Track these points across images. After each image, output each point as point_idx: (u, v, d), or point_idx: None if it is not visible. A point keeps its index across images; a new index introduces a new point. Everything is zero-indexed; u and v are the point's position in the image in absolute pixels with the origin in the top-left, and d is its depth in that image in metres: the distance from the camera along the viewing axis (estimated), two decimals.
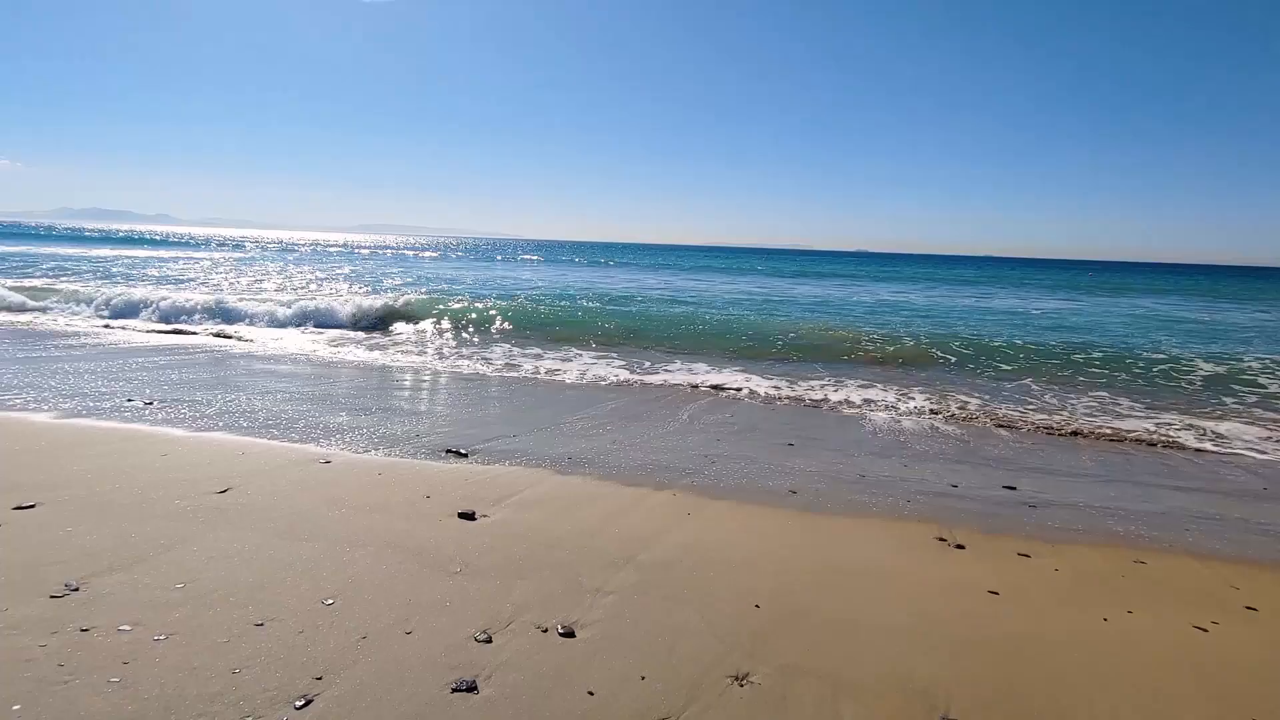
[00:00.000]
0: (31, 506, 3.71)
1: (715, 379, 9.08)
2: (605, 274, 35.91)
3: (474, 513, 4.00)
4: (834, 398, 8.31)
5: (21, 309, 13.33)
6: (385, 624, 2.76)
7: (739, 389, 8.59)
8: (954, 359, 11.24)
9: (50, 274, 21.21)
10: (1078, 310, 22.82)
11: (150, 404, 6.30)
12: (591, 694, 2.41)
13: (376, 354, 10.29)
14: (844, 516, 4.40)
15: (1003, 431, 7.11)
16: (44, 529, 3.45)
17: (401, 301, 14.70)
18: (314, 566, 3.24)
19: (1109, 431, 7.18)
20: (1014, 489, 5.15)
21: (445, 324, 13.49)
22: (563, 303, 18.35)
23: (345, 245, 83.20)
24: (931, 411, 7.80)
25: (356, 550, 3.44)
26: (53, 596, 2.81)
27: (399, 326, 13.21)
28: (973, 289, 33.88)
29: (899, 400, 8.26)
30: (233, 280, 21.84)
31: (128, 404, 6.27)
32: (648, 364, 10.16)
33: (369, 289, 19.99)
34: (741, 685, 2.52)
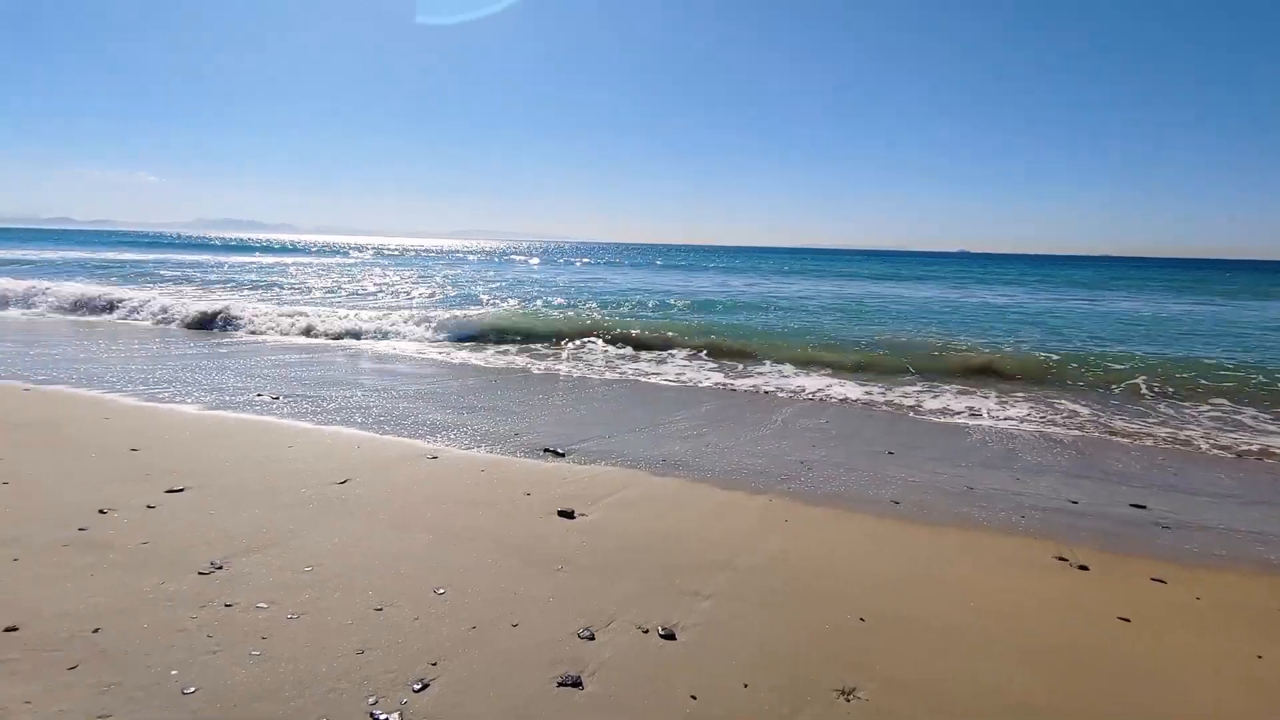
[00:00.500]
0: (181, 490, 4.09)
1: (808, 383, 8.88)
2: (688, 277, 35.88)
3: (573, 511, 4.09)
4: (931, 404, 7.96)
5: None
6: (493, 616, 2.86)
7: (832, 394, 8.37)
8: (1061, 365, 10.50)
9: (223, 285, 23.32)
10: (1208, 315, 20.80)
11: (277, 399, 6.82)
12: (694, 698, 2.41)
13: (478, 356, 10.69)
14: (951, 529, 4.19)
15: (1123, 443, 6.58)
16: (191, 512, 3.80)
17: (503, 307, 15.19)
18: (425, 557, 3.40)
19: (1253, 449, 6.50)
20: (1143, 508, 4.75)
21: (543, 327, 13.85)
22: (653, 305, 18.48)
23: (443, 250, 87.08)
24: (1039, 420, 7.33)
25: (463, 543, 3.59)
26: (200, 573, 3.09)
27: (502, 329, 13.67)
28: (1086, 290, 31.57)
29: (1002, 408, 7.81)
30: (356, 285, 23.32)
31: (257, 399, 6.81)
32: (739, 367, 10.07)
33: (469, 293, 20.85)
34: (848, 700, 2.45)
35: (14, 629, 2.56)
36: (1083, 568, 3.71)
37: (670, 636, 2.79)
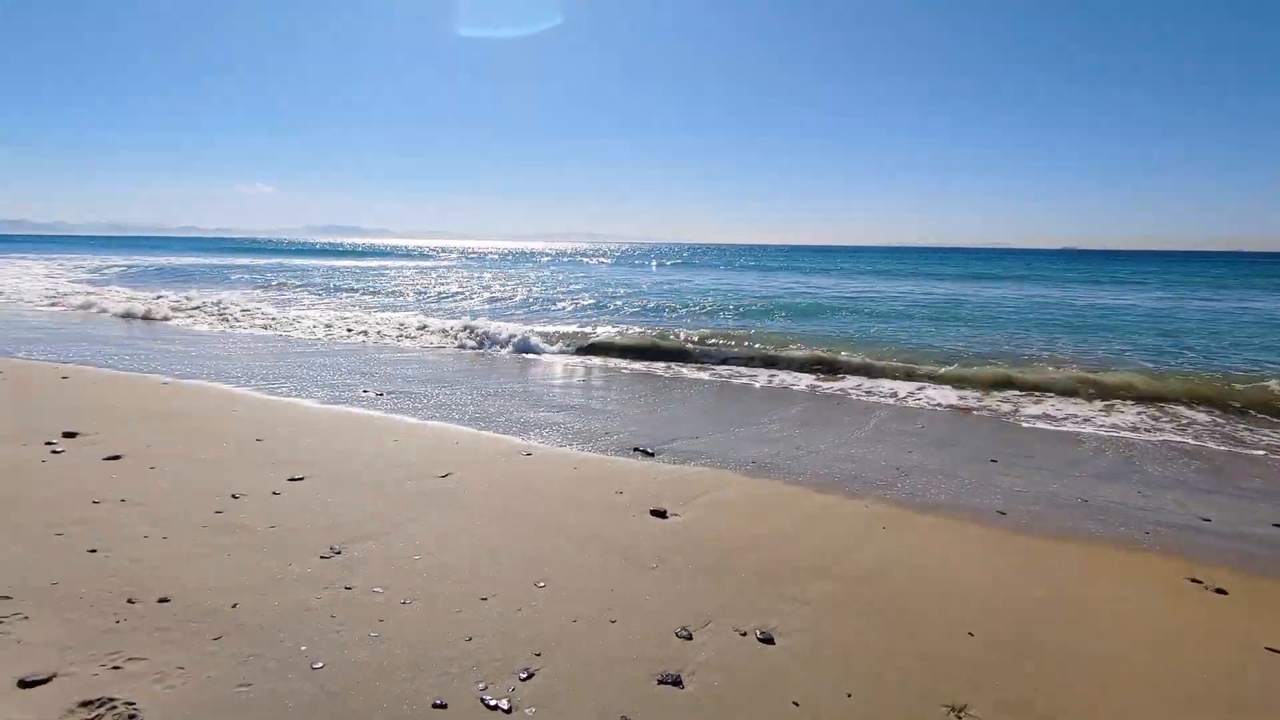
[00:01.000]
0: (300, 479, 4.39)
1: (899, 387, 8.57)
2: (766, 278, 35.33)
3: (665, 511, 4.11)
4: (1032, 410, 7.52)
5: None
6: (592, 611, 2.92)
7: (925, 399, 8.04)
8: (1178, 370, 9.65)
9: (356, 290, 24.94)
10: None
11: (381, 395, 7.21)
12: (796, 705, 2.37)
13: (570, 357, 10.92)
14: (1066, 544, 3.95)
15: (1257, 455, 5.99)
16: (310, 499, 4.07)
17: (605, 309, 15.37)
18: (524, 551, 3.51)
19: None
20: None
21: (635, 329, 13.96)
22: (741, 309, 18.34)
23: (531, 252, 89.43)
24: (1155, 429, 6.77)
25: (559, 539, 3.67)
26: (322, 557, 3.30)
27: (592, 329, 13.91)
28: (1211, 290, 28.92)
29: (1110, 414, 7.28)
30: (465, 290, 24.33)
31: (363, 394, 7.22)
32: (829, 369, 9.83)
33: (567, 293, 21.32)
34: (959, 717, 2.35)
35: (166, 600, 2.82)
36: (1220, 591, 3.40)
37: (769, 641, 2.76)
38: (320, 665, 2.43)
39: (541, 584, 3.14)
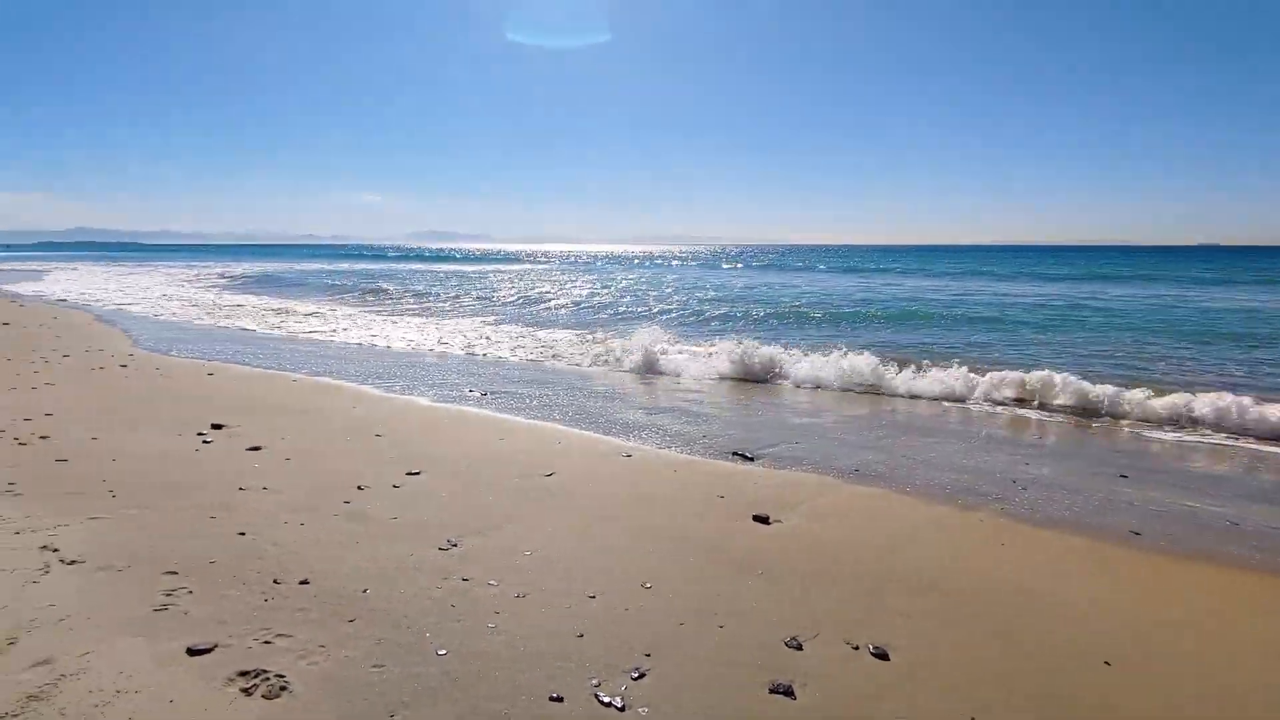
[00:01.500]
0: (417, 474, 4.65)
1: (1014, 394, 8.07)
2: (865, 280, 34.17)
3: (768, 517, 4.07)
4: (1166, 421, 6.87)
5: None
6: (699, 614, 2.93)
7: (1040, 406, 7.53)
8: None
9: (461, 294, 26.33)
10: None
11: (484, 395, 7.51)
12: None
13: (671, 359, 11.00)
14: (1214, 569, 3.60)
15: None
16: (427, 493, 4.30)
17: (716, 315, 15.26)
18: (629, 551, 3.57)
19: None
20: None
21: (751, 340, 13.83)
22: (836, 310, 17.87)
23: (623, 255, 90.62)
24: None
25: (663, 540, 3.71)
26: (440, 549, 3.49)
27: (710, 346, 13.92)
28: None
29: (1259, 426, 6.54)
30: (585, 296, 25.07)
31: (469, 394, 7.55)
32: (936, 374, 9.39)
33: (663, 297, 21.51)
34: None
35: (306, 582, 3.06)
36: None
37: (883, 656, 2.67)
38: (444, 652, 2.57)
39: (648, 585, 3.18)
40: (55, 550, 3.25)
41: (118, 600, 2.84)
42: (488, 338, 12.63)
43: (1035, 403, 7.61)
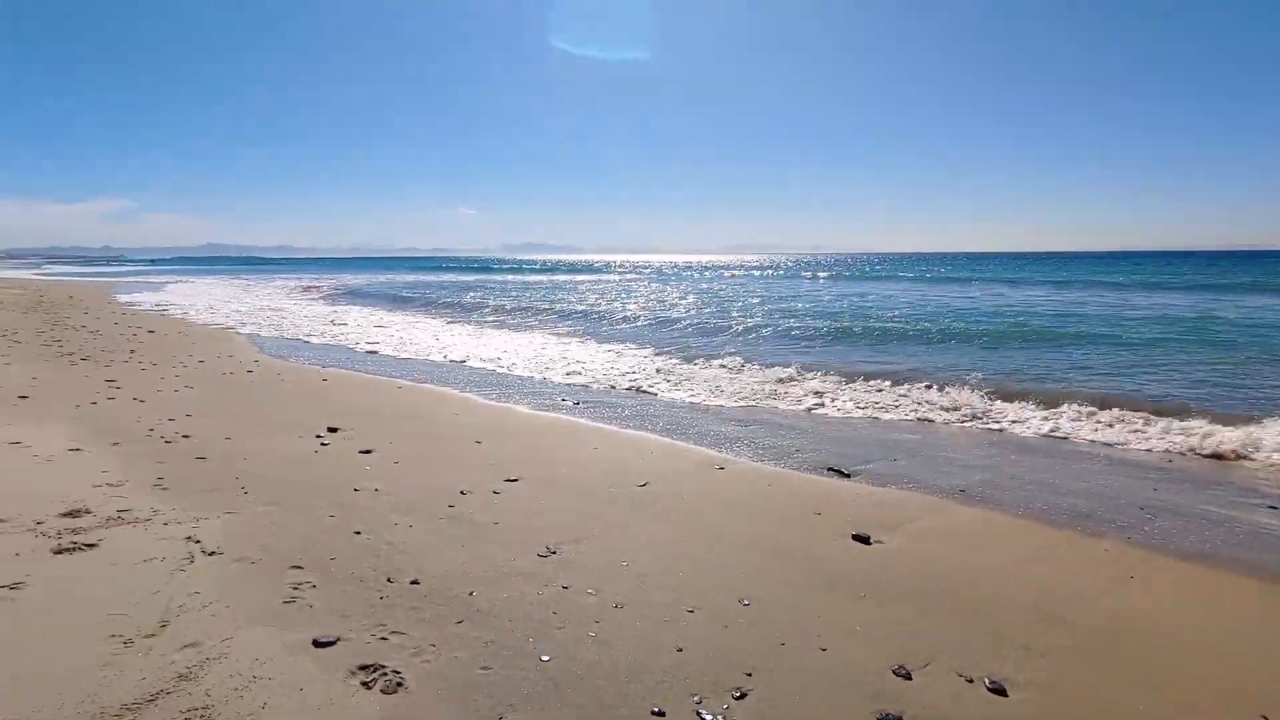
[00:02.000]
0: (515, 480, 4.79)
1: (1131, 416, 7.43)
2: (964, 290, 32.54)
3: (869, 536, 3.93)
4: None
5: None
6: (800, 635, 2.86)
7: (1163, 432, 6.88)
8: None
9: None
10: None
11: (577, 404, 7.66)
12: None
13: (764, 376, 10.87)
14: None
15: None
16: (527, 500, 4.42)
17: (812, 331, 14.91)
18: (725, 565, 3.53)
19: None
20: None
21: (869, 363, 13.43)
22: (925, 324, 17.11)
23: (707, 265, 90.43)
24: None
25: (758, 556, 3.65)
26: (539, 555, 3.57)
27: (820, 372, 13.72)
28: None
29: None
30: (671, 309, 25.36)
31: (562, 402, 7.72)
32: (1041, 395, 8.81)
33: (751, 311, 21.33)
34: None
35: (416, 582, 3.21)
36: None
37: (1000, 692, 2.52)
38: (547, 659, 2.62)
39: (746, 602, 3.13)
40: (198, 541, 3.55)
41: (252, 591, 3.07)
42: (581, 363, 12.87)
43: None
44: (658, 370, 10.00)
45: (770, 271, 61.72)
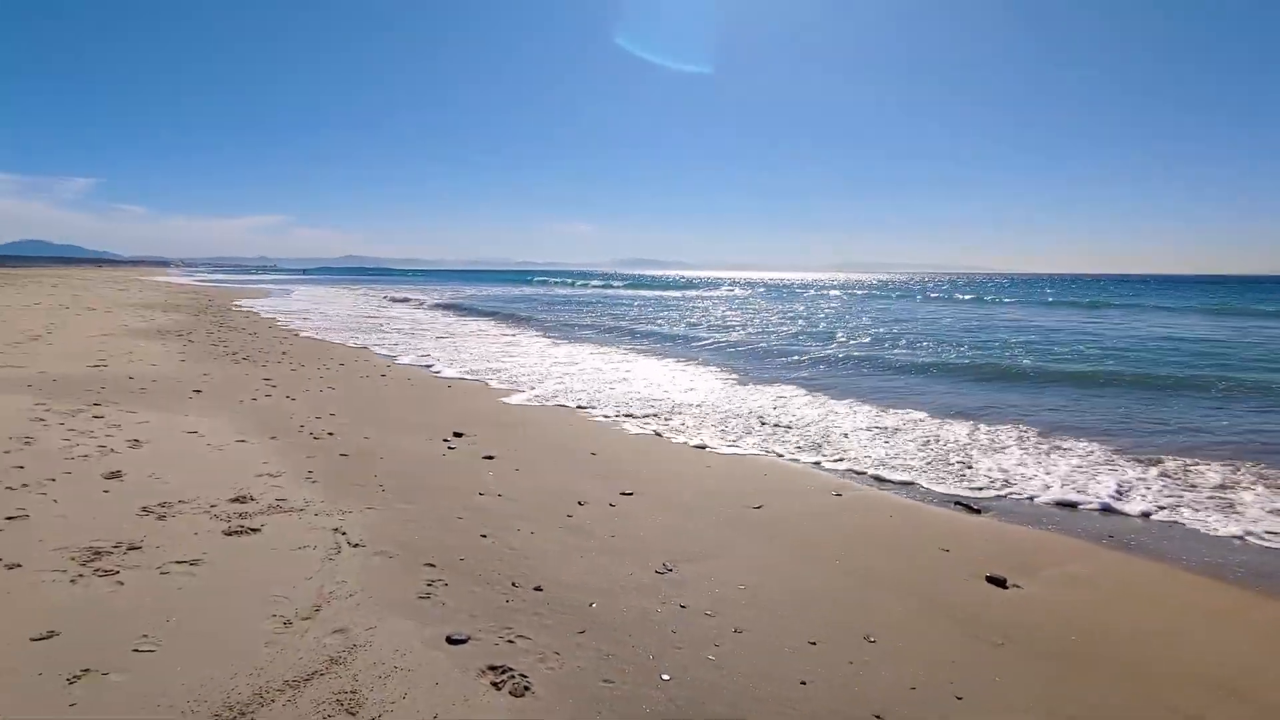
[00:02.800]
0: (630, 494, 4.85)
1: None
2: (1099, 317, 29.82)
3: (1005, 580, 3.65)
4: None
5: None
6: (932, 681, 2.70)
7: None
8: None
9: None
10: None
11: (690, 424, 7.66)
12: None
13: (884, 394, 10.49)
14: None
15: None
16: (641, 514, 4.46)
17: (925, 362, 14.41)
18: (848, 598, 3.40)
19: None
20: None
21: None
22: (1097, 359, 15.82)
23: (817, 283, 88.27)
24: None
25: (884, 591, 3.49)
26: (656, 571, 3.59)
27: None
28: None
29: None
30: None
31: (676, 420, 7.75)
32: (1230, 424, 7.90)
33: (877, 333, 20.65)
34: None
35: (539, 589, 3.31)
36: None
37: None
38: (668, 678, 2.62)
39: (872, 639, 3.00)
40: (344, 534, 3.84)
41: (391, 584, 3.28)
42: (693, 386, 12.90)
43: None
44: (775, 404, 9.83)
45: (885, 291, 59.08)
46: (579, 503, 4.60)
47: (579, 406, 8.19)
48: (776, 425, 7.42)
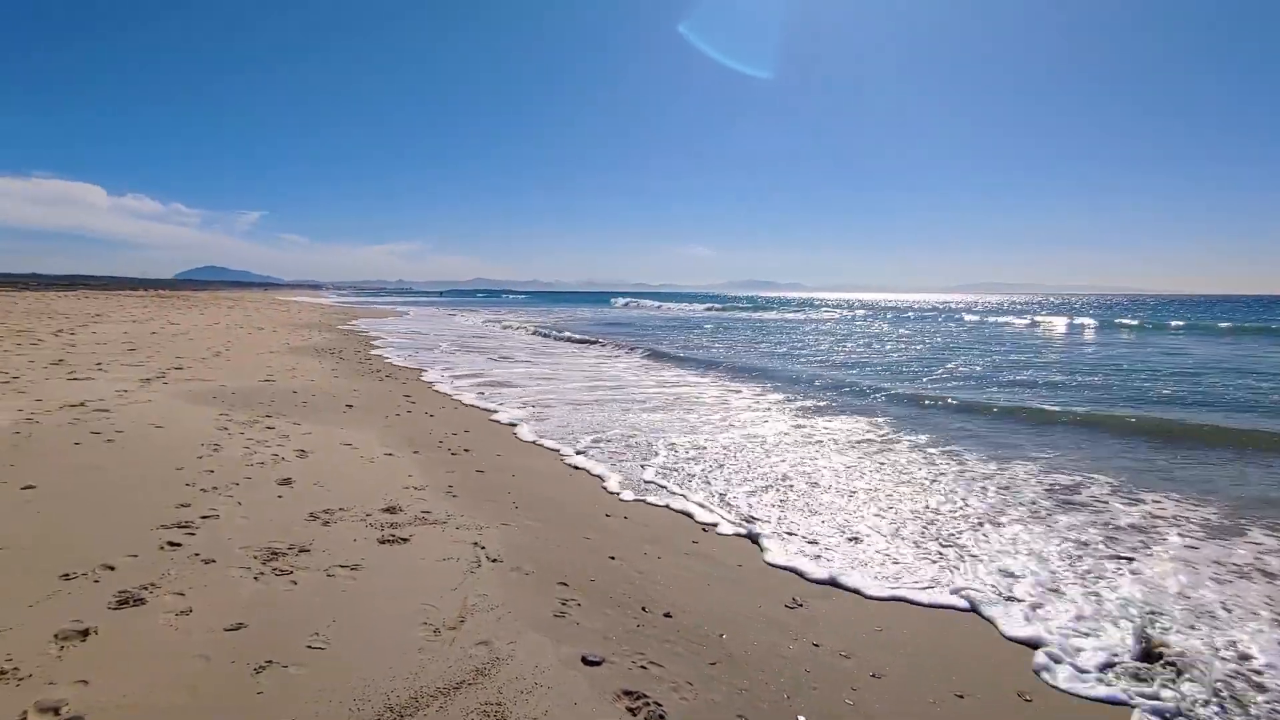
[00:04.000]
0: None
1: None
2: None
3: None
4: None
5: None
6: None
7: None
8: None
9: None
10: None
11: (809, 459, 7.45)
12: None
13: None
14: None
15: None
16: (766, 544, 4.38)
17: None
18: (993, 652, 3.16)
19: None
20: None
21: None
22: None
23: (949, 306, 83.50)
24: None
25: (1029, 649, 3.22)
26: (786, 606, 3.51)
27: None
28: None
29: None
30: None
31: (801, 454, 7.57)
32: None
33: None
34: None
35: (669, 615, 3.33)
36: None
37: None
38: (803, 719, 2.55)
39: (1028, 697, 2.77)
40: (483, 548, 4.05)
41: (527, 600, 3.42)
42: (810, 426, 12.58)
43: None
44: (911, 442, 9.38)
45: (1021, 314, 54.63)
46: (704, 529, 4.60)
47: (710, 433, 8.20)
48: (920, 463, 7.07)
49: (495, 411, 8.72)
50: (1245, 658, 3.07)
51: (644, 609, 3.39)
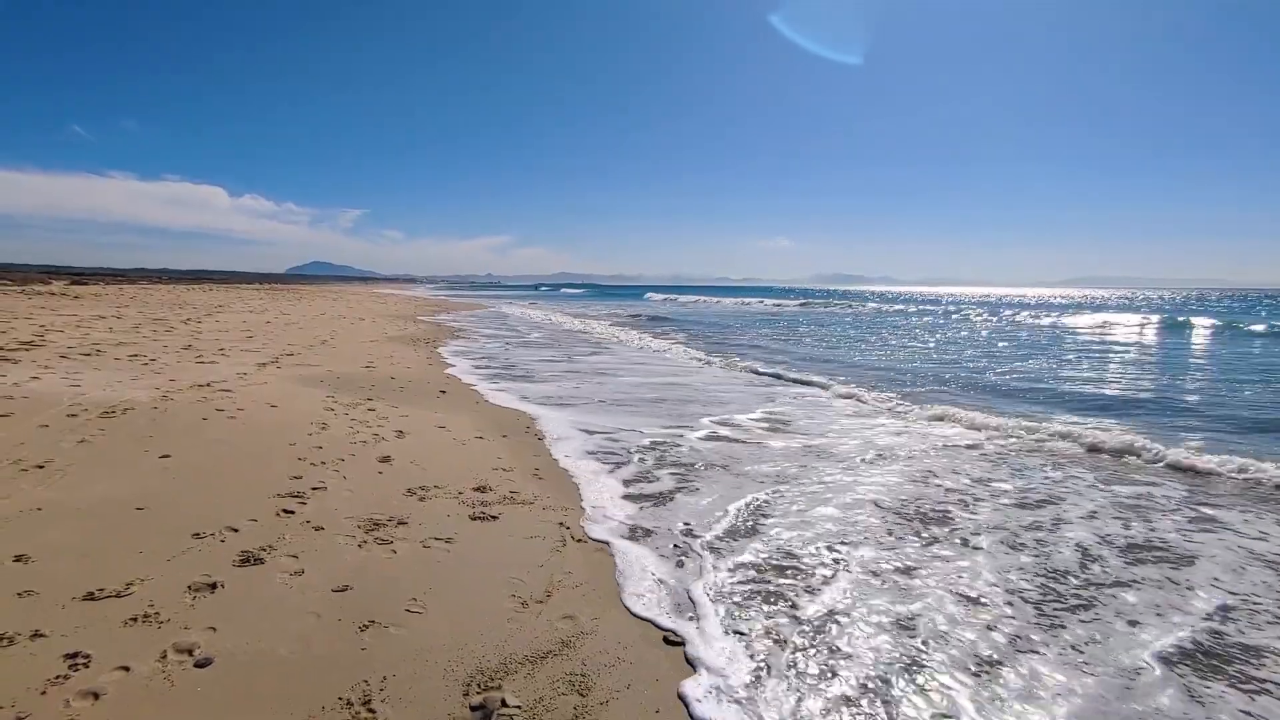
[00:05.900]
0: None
1: None
2: None
3: None
4: None
5: None
6: None
7: None
8: None
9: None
10: None
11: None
12: None
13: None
14: None
15: None
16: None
17: None
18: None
19: None
20: None
21: None
22: None
23: (1056, 300, 78.37)
24: None
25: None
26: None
27: None
28: None
29: None
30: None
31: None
32: None
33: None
34: None
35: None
36: None
37: None
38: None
39: None
40: (567, 528, 4.16)
41: (607, 580, 3.49)
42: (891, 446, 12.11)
43: None
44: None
45: (1133, 305, 50.17)
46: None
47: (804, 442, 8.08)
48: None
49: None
50: None
51: None
